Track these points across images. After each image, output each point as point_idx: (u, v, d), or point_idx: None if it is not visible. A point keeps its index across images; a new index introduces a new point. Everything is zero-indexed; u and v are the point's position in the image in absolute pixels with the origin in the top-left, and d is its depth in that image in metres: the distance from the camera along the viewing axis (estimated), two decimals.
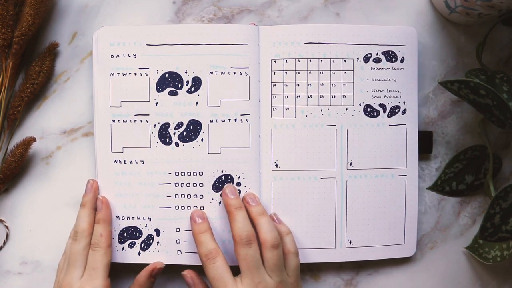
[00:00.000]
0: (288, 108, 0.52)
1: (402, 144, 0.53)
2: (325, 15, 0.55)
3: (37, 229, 0.55)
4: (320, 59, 0.52)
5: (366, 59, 0.53)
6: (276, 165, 0.52)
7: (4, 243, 0.54)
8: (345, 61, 0.52)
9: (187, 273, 0.50)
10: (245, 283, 0.47)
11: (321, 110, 0.52)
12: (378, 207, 0.53)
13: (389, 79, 0.53)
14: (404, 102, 0.53)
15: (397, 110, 0.53)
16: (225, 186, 0.51)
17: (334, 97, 0.52)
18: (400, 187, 0.53)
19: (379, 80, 0.53)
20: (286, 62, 0.52)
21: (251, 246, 0.47)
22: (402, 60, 0.53)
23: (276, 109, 0.52)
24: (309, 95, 0.52)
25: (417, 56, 0.53)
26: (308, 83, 0.52)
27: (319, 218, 0.53)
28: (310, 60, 0.52)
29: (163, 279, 0.54)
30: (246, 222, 0.49)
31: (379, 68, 0.53)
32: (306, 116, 0.52)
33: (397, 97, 0.53)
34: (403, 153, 0.53)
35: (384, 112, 0.53)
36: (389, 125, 0.53)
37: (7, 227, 0.54)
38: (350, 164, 0.53)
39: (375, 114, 0.53)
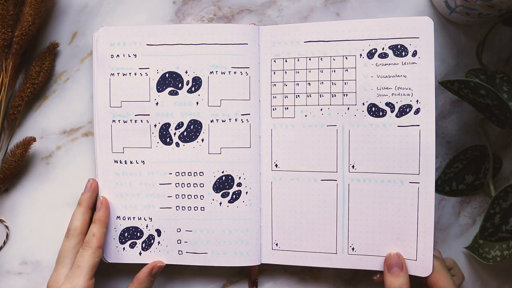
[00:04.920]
0: (287, 108, 0.52)
1: (414, 147, 0.49)
2: (325, 15, 0.55)
3: (37, 229, 0.55)
4: (320, 57, 0.51)
5: (371, 55, 0.50)
6: (276, 165, 0.52)
7: (4, 243, 0.54)
8: (346, 58, 0.50)
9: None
10: None
11: (321, 109, 0.51)
12: (384, 214, 0.50)
13: (398, 76, 0.50)
14: (417, 101, 0.49)
15: (408, 110, 0.49)
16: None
17: (335, 96, 0.51)
18: (412, 195, 0.49)
19: (386, 77, 0.50)
20: (286, 61, 0.52)
21: None
22: (414, 54, 0.49)
23: (276, 109, 0.52)
24: (309, 94, 0.51)
25: (433, 48, 0.49)
26: (308, 82, 0.51)
27: (319, 221, 0.51)
28: (310, 59, 0.51)
29: (163, 279, 0.54)
30: None
31: (386, 64, 0.50)
32: (306, 116, 0.51)
33: (408, 95, 0.49)
34: (415, 157, 0.49)
35: (392, 111, 0.50)
36: (398, 126, 0.50)
37: (7, 227, 0.54)
38: (353, 166, 0.51)
39: (381, 114, 0.50)
